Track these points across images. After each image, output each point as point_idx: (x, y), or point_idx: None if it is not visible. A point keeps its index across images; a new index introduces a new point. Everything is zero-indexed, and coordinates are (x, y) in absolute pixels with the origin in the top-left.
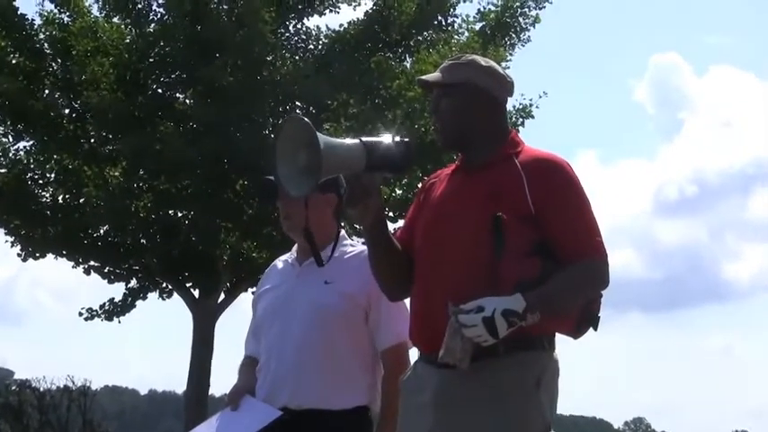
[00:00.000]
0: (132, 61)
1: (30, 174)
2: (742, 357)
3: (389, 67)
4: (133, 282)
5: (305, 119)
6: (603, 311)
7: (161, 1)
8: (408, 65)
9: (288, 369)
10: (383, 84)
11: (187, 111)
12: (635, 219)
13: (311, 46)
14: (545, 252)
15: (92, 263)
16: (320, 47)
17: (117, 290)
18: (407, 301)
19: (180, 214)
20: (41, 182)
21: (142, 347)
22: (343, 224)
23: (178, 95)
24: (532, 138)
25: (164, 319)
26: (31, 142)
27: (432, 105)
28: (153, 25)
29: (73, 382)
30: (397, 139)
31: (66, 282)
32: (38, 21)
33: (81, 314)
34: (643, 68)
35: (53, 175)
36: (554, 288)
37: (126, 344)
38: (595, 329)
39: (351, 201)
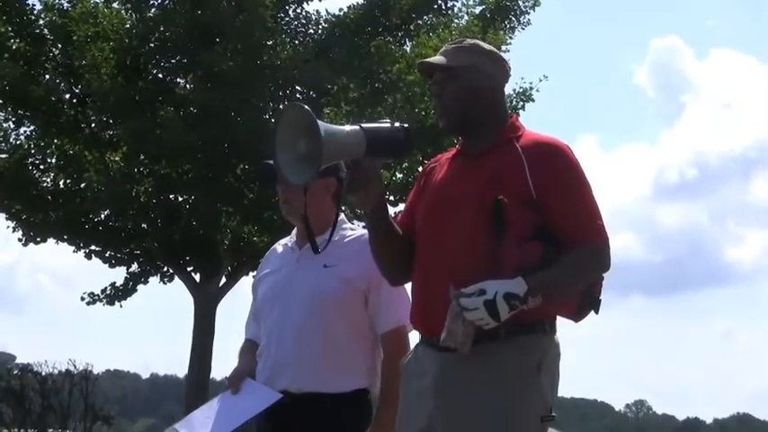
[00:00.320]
0: (132, 46)
1: (31, 159)
2: (743, 341)
3: (389, 52)
4: (134, 266)
5: (305, 106)
6: (604, 295)
7: None
8: (408, 49)
9: (288, 353)
10: (383, 68)
11: (187, 96)
12: (636, 202)
13: (311, 30)
14: (546, 236)
15: (93, 247)
16: (320, 31)
17: (118, 274)
18: (408, 286)
19: (181, 199)
20: (42, 167)
21: (143, 331)
22: (343, 208)
23: (178, 80)
24: (533, 122)
25: (165, 304)
26: (32, 127)
27: (434, 89)
28: (153, 10)
29: (75, 367)
30: (397, 125)
31: (67, 266)
32: (38, 6)
33: (83, 298)
34: (644, 52)
35: (54, 161)
36: (555, 271)
37: (127, 328)
38: (597, 312)
39: (351, 187)
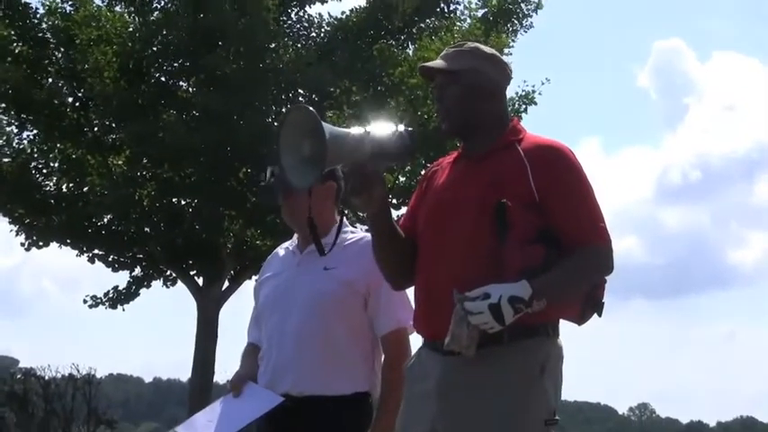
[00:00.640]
0: (135, 50)
1: (33, 163)
2: (746, 343)
3: (392, 55)
4: (137, 270)
5: (309, 108)
6: (607, 298)
7: None
8: (411, 52)
9: (288, 357)
10: (385, 71)
11: (190, 99)
12: (638, 205)
13: (314, 34)
14: (549, 239)
15: (96, 251)
16: (323, 34)
17: (121, 278)
18: (410, 290)
19: (183, 202)
20: (45, 171)
21: (146, 335)
22: (346, 212)
23: (181, 83)
24: (535, 125)
25: (168, 307)
26: (35, 131)
27: (435, 93)
28: (156, 13)
29: (78, 371)
30: (401, 128)
31: (70, 270)
32: (41, 10)
33: (85, 302)
34: (646, 54)
35: (57, 164)
36: (559, 274)
37: (130, 332)
38: (600, 315)
39: (355, 190)
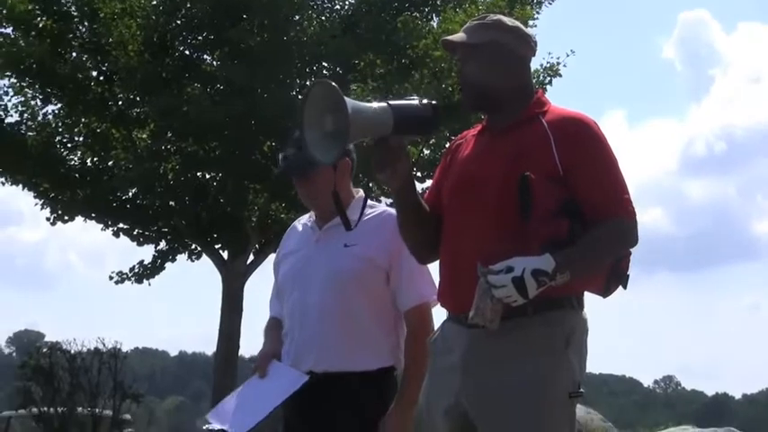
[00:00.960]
0: (159, 23)
1: (58, 137)
2: None
3: (416, 27)
4: (162, 244)
5: (331, 82)
6: (632, 270)
7: None
8: (435, 24)
9: (310, 335)
10: (410, 44)
11: (214, 72)
12: (663, 177)
13: (338, 6)
14: (573, 211)
15: (121, 225)
16: (347, 7)
17: (146, 252)
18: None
19: (208, 176)
20: (69, 145)
21: (172, 309)
22: (371, 185)
23: (205, 57)
24: (560, 97)
25: (193, 281)
26: (59, 105)
27: (457, 67)
28: None
29: (104, 345)
30: (425, 102)
31: (95, 244)
32: None
33: (111, 278)
34: (672, 26)
35: (81, 138)
36: (583, 247)
37: (156, 306)
38: (624, 288)
39: (379, 165)
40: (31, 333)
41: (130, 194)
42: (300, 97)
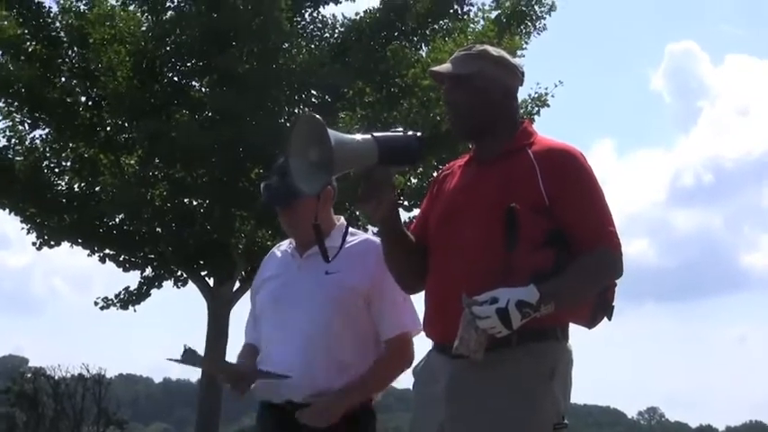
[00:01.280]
0: (148, 49)
1: (45, 162)
2: (757, 347)
3: (405, 56)
4: (148, 270)
5: (316, 115)
6: (618, 301)
7: None
8: (424, 53)
9: (289, 362)
10: (399, 72)
11: (203, 98)
12: (651, 207)
13: (327, 34)
14: (559, 242)
15: (107, 251)
16: (336, 35)
17: (132, 278)
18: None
19: (195, 203)
20: (57, 170)
21: (156, 336)
22: (356, 214)
23: (194, 83)
24: (548, 127)
25: (179, 308)
26: (47, 130)
27: (444, 97)
28: (169, 13)
29: (88, 371)
30: (410, 133)
31: (81, 270)
32: (55, 8)
33: (96, 303)
34: (659, 57)
35: (69, 163)
36: (567, 278)
37: (140, 332)
38: (609, 319)
39: (364, 196)
40: (16, 358)
41: (117, 220)
42: (288, 125)
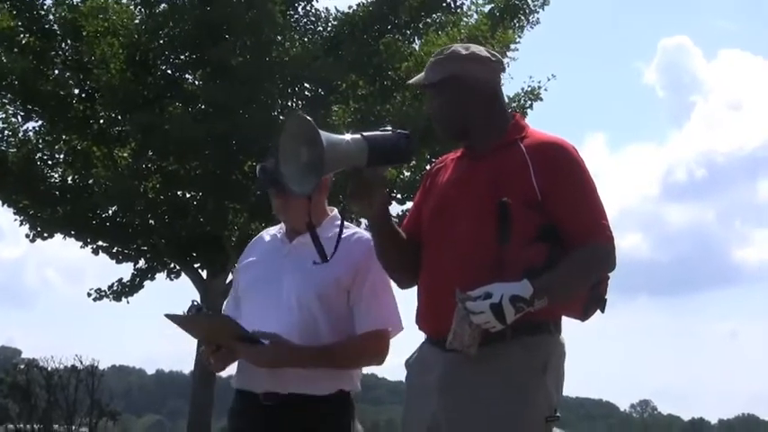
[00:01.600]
0: (142, 42)
1: (39, 154)
2: (748, 341)
3: (398, 49)
4: (141, 262)
5: (306, 116)
6: (611, 294)
7: None
8: (417, 47)
9: None
10: (392, 66)
11: (196, 91)
12: (644, 202)
13: (320, 27)
14: (551, 236)
15: (100, 243)
16: (329, 28)
17: (125, 270)
18: (397, 291)
19: (188, 195)
20: (50, 162)
21: (149, 327)
22: (348, 209)
23: (187, 76)
24: (540, 121)
25: (172, 300)
26: (40, 122)
27: (426, 106)
28: (162, 5)
29: (81, 362)
30: (398, 132)
31: (74, 261)
32: (48, 1)
33: (90, 295)
34: (652, 52)
35: (62, 156)
36: (560, 272)
37: (133, 324)
38: (602, 312)
39: (355, 195)
40: (8, 350)
41: (110, 212)
42: (282, 118)
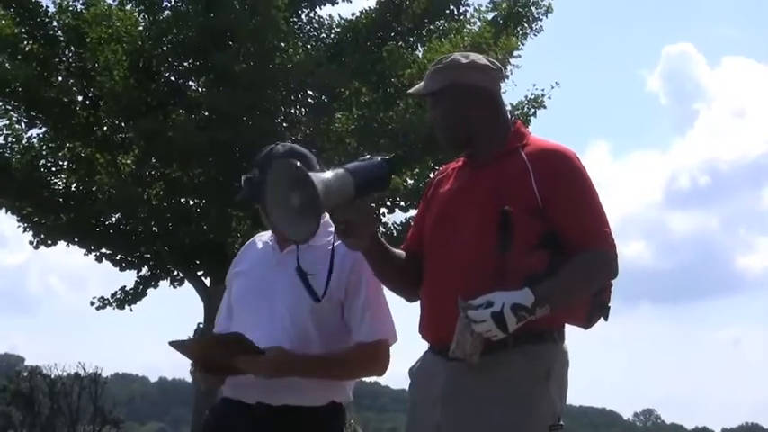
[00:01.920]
0: (145, 48)
1: (42, 161)
2: (752, 350)
3: (401, 56)
4: (144, 269)
5: (290, 160)
6: (614, 302)
7: None
8: (420, 54)
9: None
10: (395, 73)
11: (199, 98)
12: (647, 209)
13: (323, 35)
14: (553, 244)
15: (103, 250)
16: (332, 35)
17: (128, 277)
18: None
19: (191, 202)
20: (54, 169)
21: (153, 335)
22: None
23: (190, 83)
24: (544, 129)
25: (175, 307)
26: (44, 129)
27: (428, 116)
28: (166, 12)
29: (84, 369)
30: (378, 158)
31: (77, 269)
32: (52, 8)
33: (93, 303)
34: (656, 59)
35: (65, 163)
36: (562, 280)
37: (136, 331)
38: (606, 319)
39: (350, 231)
40: (11, 357)
41: (114, 219)
42: (285, 125)
